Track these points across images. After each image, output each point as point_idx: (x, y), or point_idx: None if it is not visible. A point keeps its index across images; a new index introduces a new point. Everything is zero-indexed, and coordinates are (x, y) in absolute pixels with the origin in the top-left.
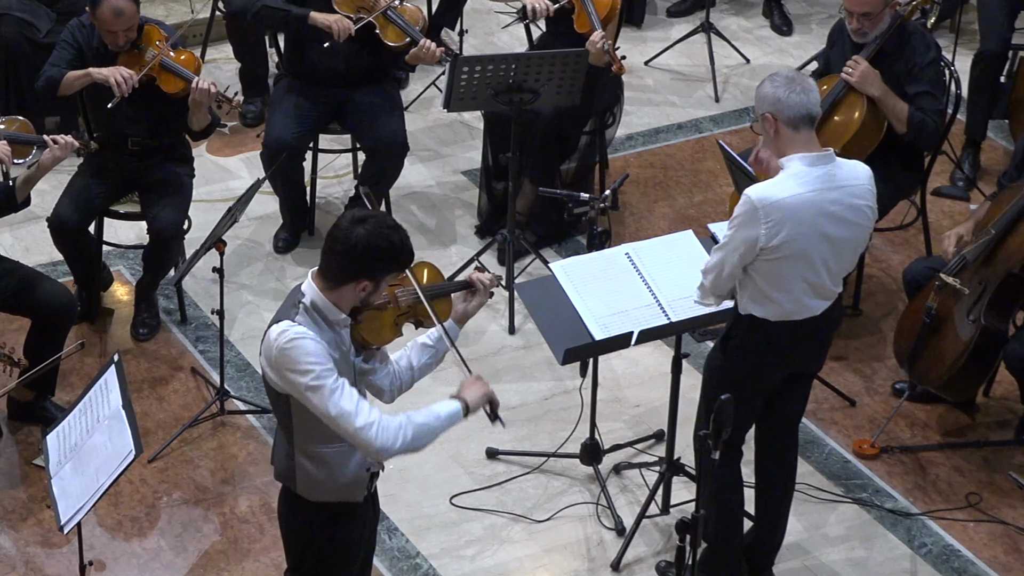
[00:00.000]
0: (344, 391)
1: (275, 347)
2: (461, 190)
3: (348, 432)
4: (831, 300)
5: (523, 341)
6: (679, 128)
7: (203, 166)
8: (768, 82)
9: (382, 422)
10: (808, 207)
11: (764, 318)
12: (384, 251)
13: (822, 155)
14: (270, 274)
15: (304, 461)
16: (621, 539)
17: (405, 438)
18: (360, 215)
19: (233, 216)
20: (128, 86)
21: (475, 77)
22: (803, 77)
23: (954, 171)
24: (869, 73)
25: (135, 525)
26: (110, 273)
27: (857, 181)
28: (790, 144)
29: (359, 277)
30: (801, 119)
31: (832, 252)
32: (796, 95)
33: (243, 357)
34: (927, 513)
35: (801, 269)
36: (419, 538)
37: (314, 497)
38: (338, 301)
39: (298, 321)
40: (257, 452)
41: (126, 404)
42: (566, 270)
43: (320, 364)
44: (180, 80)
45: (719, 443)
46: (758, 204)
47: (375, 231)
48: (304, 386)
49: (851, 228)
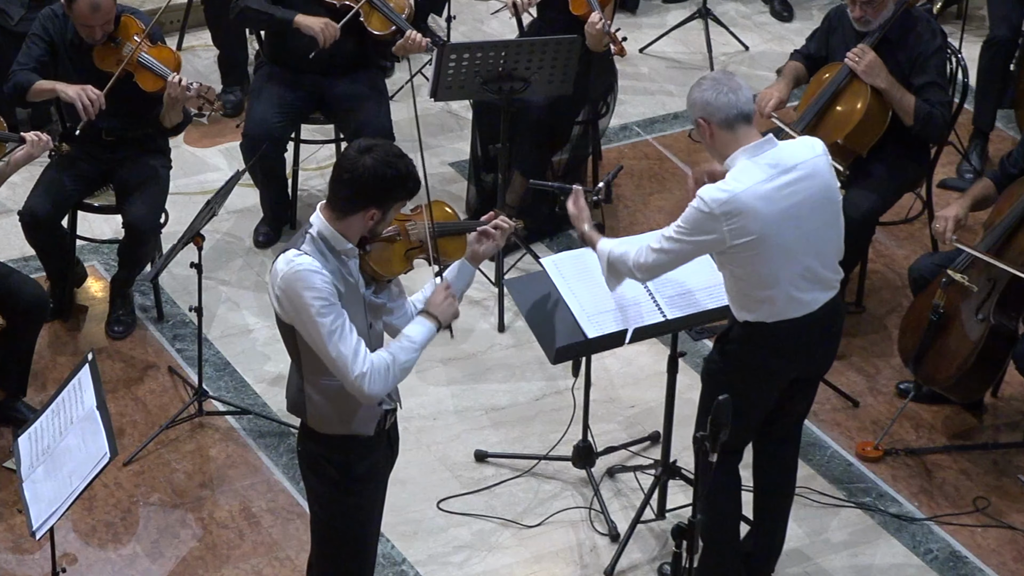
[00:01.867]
0: (343, 332)
1: (280, 276)
2: (449, 182)
3: (341, 376)
4: (830, 290)
5: (513, 339)
6: (675, 118)
7: (180, 157)
8: (696, 87)
9: (373, 370)
10: (767, 197)
11: (760, 321)
12: (392, 179)
13: (761, 142)
14: (250, 270)
15: (312, 393)
16: (615, 545)
17: (395, 379)
18: (367, 144)
19: (212, 209)
20: (95, 108)
21: (463, 65)
22: (730, 77)
23: (961, 163)
24: (876, 63)
25: (110, 530)
26: (84, 269)
27: (811, 154)
28: (728, 145)
29: (368, 206)
30: (734, 119)
31: (808, 236)
32: (724, 96)
33: (222, 356)
34: (933, 518)
35: (780, 263)
36: (405, 544)
37: (324, 429)
38: (346, 231)
39: (304, 250)
40: (236, 454)
41: (100, 405)
42: (558, 265)
43: (322, 300)
44: (158, 78)
45: (717, 445)
46: (714, 206)
47: (382, 159)
48: (305, 319)
49: (818, 206)
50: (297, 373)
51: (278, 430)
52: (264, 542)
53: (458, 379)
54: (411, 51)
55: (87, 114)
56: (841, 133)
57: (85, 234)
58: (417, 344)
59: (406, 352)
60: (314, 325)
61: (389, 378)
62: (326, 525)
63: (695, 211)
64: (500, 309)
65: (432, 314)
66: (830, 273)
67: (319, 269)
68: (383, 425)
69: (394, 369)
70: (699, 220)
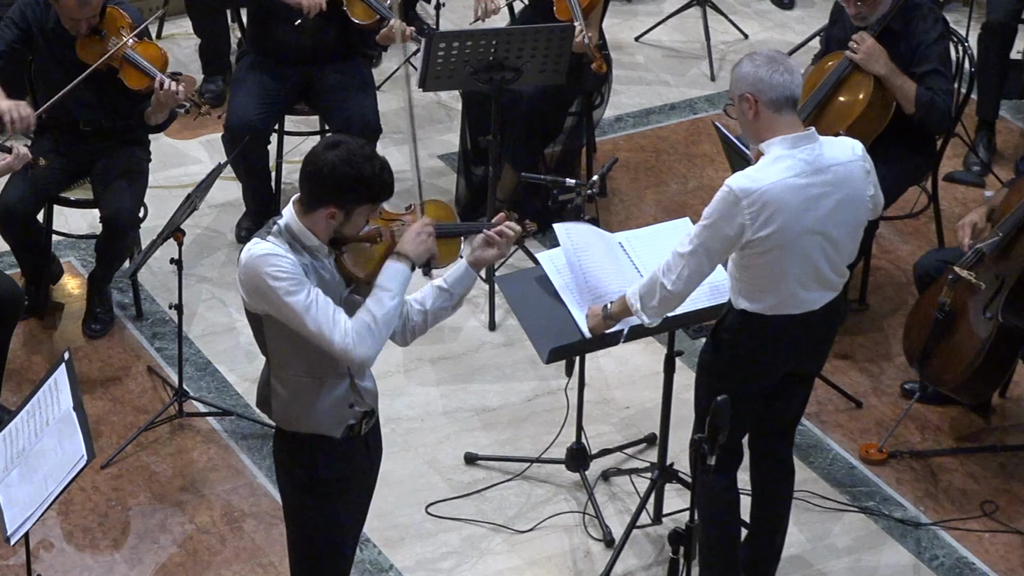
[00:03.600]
0: (319, 305)
1: (244, 261)
2: (438, 175)
3: (328, 349)
4: (834, 291)
5: (504, 338)
6: (672, 109)
7: (160, 150)
8: (747, 61)
9: (355, 333)
10: (795, 193)
11: (758, 312)
12: (351, 179)
13: (804, 135)
14: (232, 266)
15: (278, 387)
16: (610, 551)
17: (381, 333)
18: (336, 140)
19: (192, 203)
20: (22, 126)
21: (452, 54)
22: (784, 57)
23: (968, 155)
24: (875, 50)
25: (87, 536)
26: (60, 265)
27: (848, 158)
28: (770, 128)
29: (327, 203)
30: (784, 101)
31: (828, 239)
32: (779, 75)
33: (203, 355)
34: (939, 523)
35: (793, 261)
36: (392, 550)
37: (288, 426)
38: (312, 227)
39: (270, 240)
40: (218, 457)
41: (77, 406)
42: (554, 260)
43: (289, 278)
44: (144, 76)
45: (715, 448)
46: (740, 194)
47: (345, 158)
48: (276, 301)
49: (846, 210)
50: (266, 367)
51: (261, 432)
52: (247, 548)
53: (447, 379)
54: (393, 41)
55: (12, 129)
56: (843, 124)
57: (61, 229)
58: (392, 291)
59: (382, 304)
60: (286, 306)
61: (376, 335)
62: (294, 528)
63: (719, 199)
64: (491, 307)
65: (402, 253)
66: (838, 277)
67: (281, 253)
68: (357, 430)
69: (376, 326)
70: (723, 208)
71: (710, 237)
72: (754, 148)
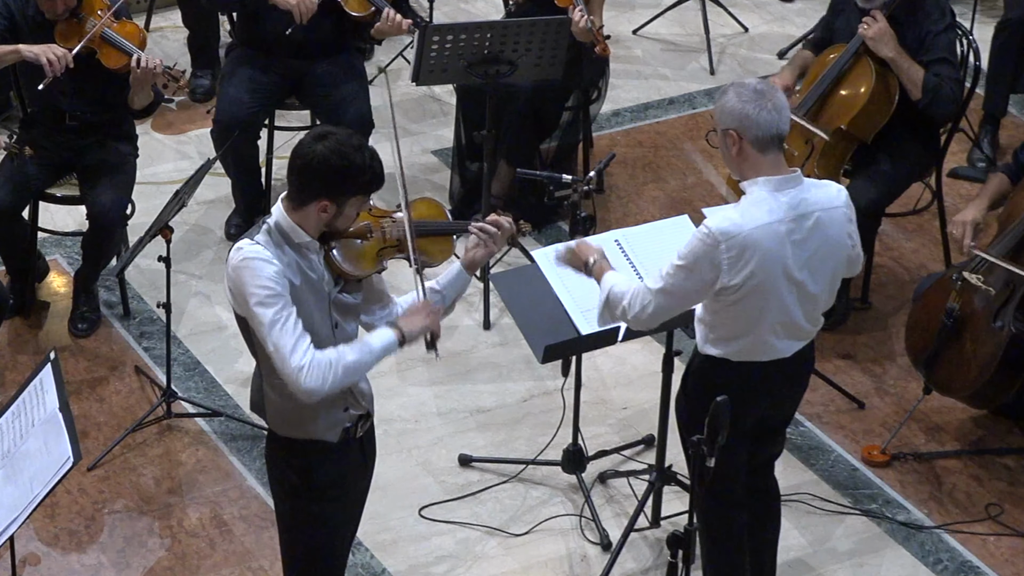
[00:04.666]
0: (285, 324)
1: (230, 265)
2: (431, 171)
3: (279, 369)
4: (805, 340)
5: (499, 337)
6: (670, 103)
7: (148, 145)
8: (734, 93)
9: (313, 363)
10: (776, 239)
11: (724, 358)
12: (342, 170)
13: (788, 178)
14: (221, 263)
15: (271, 392)
16: (607, 555)
17: (335, 378)
18: (324, 131)
19: (181, 200)
20: (61, 66)
21: (447, 47)
22: (773, 90)
23: (972, 150)
24: (886, 30)
25: (73, 539)
26: (46, 263)
27: (831, 204)
28: (754, 167)
29: (319, 196)
30: (770, 140)
31: (804, 289)
32: (767, 113)
33: (191, 354)
34: (943, 526)
35: (767, 310)
36: (385, 554)
37: (283, 431)
38: (302, 222)
39: (257, 240)
40: (207, 459)
41: (63, 406)
42: (549, 258)
43: (267, 289)
44: (122, 55)
45: (715, 449)
46: (720, 237)
47: (335, 148)
48: (249, 307)
49: (826, 260)
50: (258, 370)
51: (251, 433)
52: (236, 551)
53: (441, 379)
54: (390, 33)
55: (53, 70)
56: (845, 118)
57: (47, 226)
58: (370, 349)
59: (356, 353)
60: (255, 315)
61: (329, 376)
62: (287, 533)
63: (698, 240)
64: (485, 305)
65: (399, 327)
66: (811, 326)
67: (268, 259)
68: (353, 433)
69: (336, 367)
70: (701, 250)
71: (685, 278)
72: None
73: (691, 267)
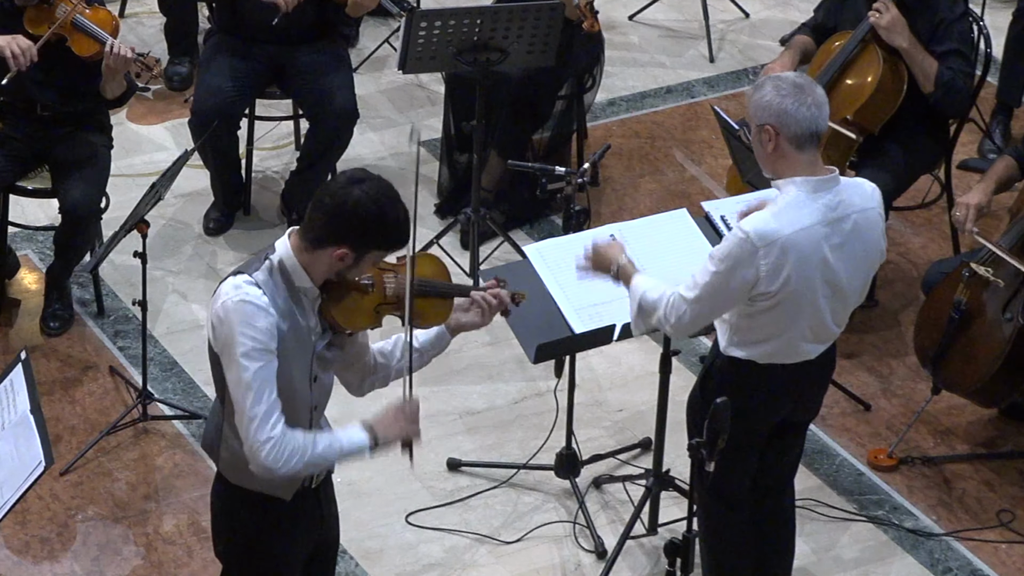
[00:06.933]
0: (263, 388)
1: (221, 300)
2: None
3: (243, 432)
4: (831, 342)
5: (489, 336)
6: (668, 92)
7: (123, 135)
8: (771, 87)
9: (280, 442)
10: (813, 244)
11: (749, 360)
12: (374, 220)
13: (826, 179)
14: (200, 259)
15: (230, 435)
16: (602, 563)
17: (296, 465)
18: (360, 174)
19: (157, 193)
20: (26, 59)
21: (435, 34)
22: (812, 85)
23: (983, 141)
24: (899, 20)
25: (45, 547)
26: (16, 258)
27: (867, 205)
28: (790, 166)
29: (340, 242)
30: (808, 137)
31: (839, 290)
32: (806, 108)
33: (168, 354)
34: (952, 533)
35: (800, 313)
36: (370, 562)
37: (235, 480)
38: (310, 266)
39: (257, 278)
40: (184, 463)
41: (34, 408)
42: (542, 254)
43: (257, 342)
44: (94, 42)
45: (714, 453)
46: (758, 241)
47: (373, 195)
48: (231, 355)
49: (861, 262)
50: (219, 409)
51: None
52: (214, 560)
53: (428, 380)
54: (365, 7)
55: (17, 64)
56: (851, 108)
57: (18, 220)
58: (339, 448)
59: (325, 450)
60: (237, 366)
61: (292, 460)
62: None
63: (733, 241)
64: None
65: (374, 430)
66: (838, 328)
67: (266, 307)
68: (308, 485)
69: (303, 456)
70: (738, 254)
71: (721, 284)
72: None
73: (728, 272)
